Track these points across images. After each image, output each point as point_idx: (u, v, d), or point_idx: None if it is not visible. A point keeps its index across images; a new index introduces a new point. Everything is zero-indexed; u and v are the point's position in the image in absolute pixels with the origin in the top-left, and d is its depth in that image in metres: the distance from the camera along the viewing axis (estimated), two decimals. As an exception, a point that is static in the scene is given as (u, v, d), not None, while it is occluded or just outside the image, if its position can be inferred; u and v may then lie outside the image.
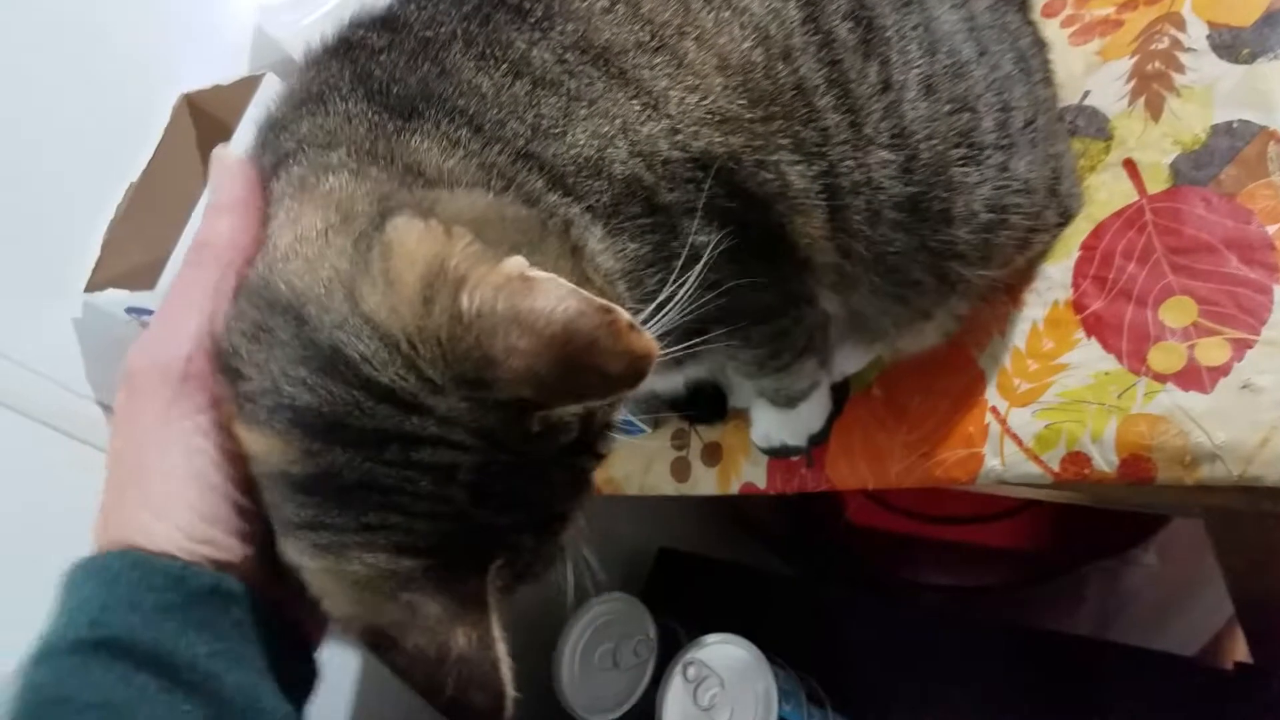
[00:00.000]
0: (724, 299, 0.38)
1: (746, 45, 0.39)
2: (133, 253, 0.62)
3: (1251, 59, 0.50)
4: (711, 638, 0.72)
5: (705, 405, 0.64)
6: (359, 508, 0.30)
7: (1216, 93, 0.50)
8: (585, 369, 0.27)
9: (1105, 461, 0.47)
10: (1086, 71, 0.57)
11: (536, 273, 0.27)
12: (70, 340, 0.63)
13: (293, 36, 0.66)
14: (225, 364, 0.32)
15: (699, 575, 0.96)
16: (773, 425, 0.59)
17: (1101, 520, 0.81)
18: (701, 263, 0.37)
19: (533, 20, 0.38)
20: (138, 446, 0.33)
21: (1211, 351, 0.46)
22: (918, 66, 0.43)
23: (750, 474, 0.64)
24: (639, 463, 0.71)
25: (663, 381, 0.54)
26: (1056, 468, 0.49)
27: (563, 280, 0.27)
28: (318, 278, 0.30)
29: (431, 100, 0.36)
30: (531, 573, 0.33)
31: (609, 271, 0.36)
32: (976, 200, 0.45)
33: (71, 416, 0.63)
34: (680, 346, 0.37)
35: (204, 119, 0.67)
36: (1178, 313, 0.47)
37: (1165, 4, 0.55)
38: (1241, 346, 0.45)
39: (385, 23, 0.39)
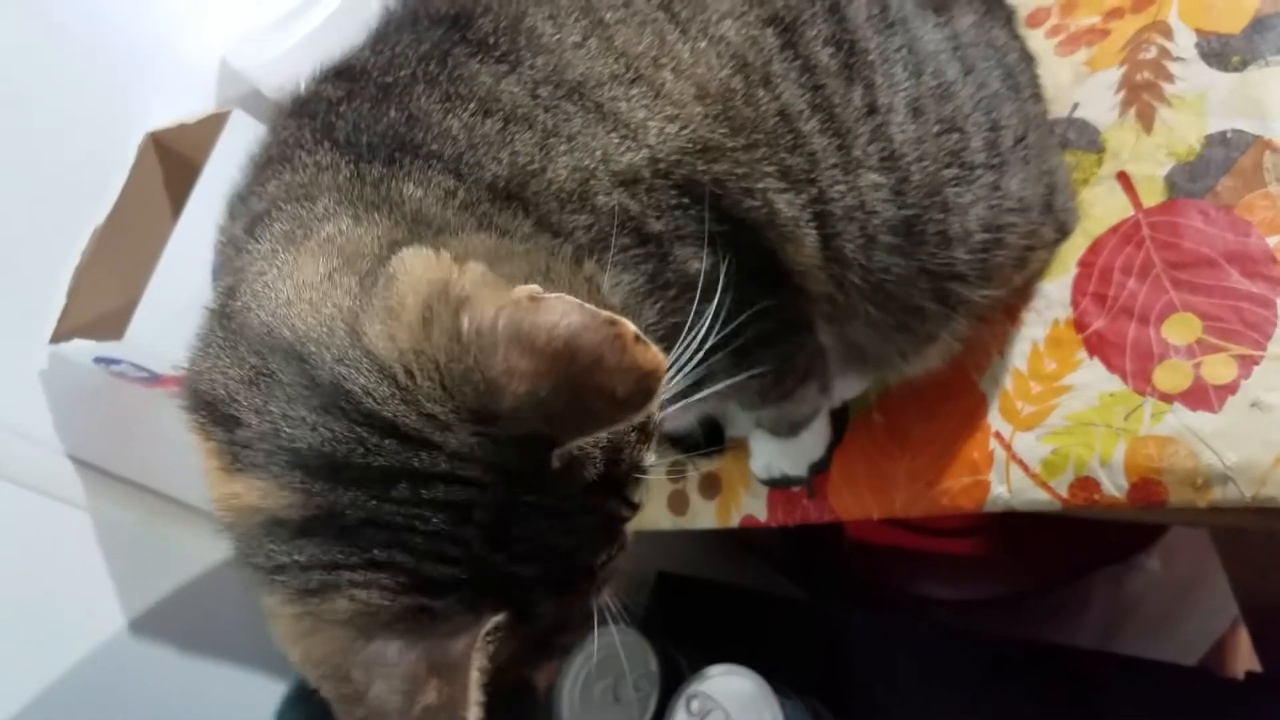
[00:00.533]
0: (729, 327, 0.37)
1: (725, 73, 0.38)
2: (100, 300, 0.60)
3: (1242, 66, 0.49)
4: (715, 669, 0.70)
5: (702, 437, 0.62)
6: (363, 545, 0.29)
7: (1209, 102, 0.49)
8: (590, 391, 0.26)
9: (1115, 486, 0.46)
10: (1075, 82, 0.56)
11: (547, 295, 0.26)
12: (37, 393, 0.60)
13: (259, 69, 0.64)
14: (221, 414, 0.30)
15: (700, 599, 0.94)
16: (773, 455, 0.58)
17: (1105, 526, 0.80)
18: (719, 289, 0.36)
19: (498, 54, 0.37)
20: None
21: (1218, 369, 0.44)
22: (903, 89, 0.42)
23: (750, 506, 0.62)
24: (634, 494, 0.69)
25: (675, 420, 0.53)
26: (1065, 494, 0.48)
27: (570, 297, 0.26)
28: (320, 317, 0.30)
29: (405, 147, 0.35)
30: (559, 644, 0.32)
31: (612, 308, 0.35)
32: (971, 220, 0.45)
33: (40, 471, 0.61)
34: (706, 390, 0.36)
35: (171, 158, 0.64)
36: (1181, 329, 0.46)
37: (1152, 12, 0.54)
38: (1248, 363, 0.44)
39: (341, 73, 0.38)
